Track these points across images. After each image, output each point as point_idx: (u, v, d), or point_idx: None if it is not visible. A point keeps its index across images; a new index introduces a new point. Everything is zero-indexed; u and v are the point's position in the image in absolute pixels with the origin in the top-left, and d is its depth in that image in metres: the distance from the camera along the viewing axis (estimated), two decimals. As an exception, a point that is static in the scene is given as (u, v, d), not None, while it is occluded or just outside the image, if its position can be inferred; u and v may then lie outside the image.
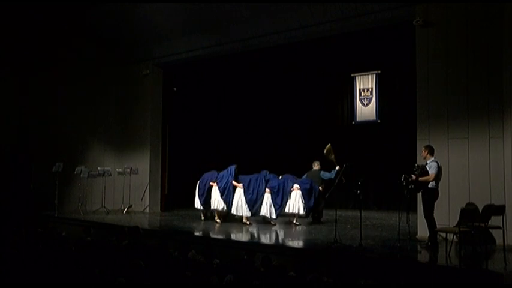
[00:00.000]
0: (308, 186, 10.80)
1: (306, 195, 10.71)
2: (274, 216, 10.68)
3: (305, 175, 11.39)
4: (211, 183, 11.24)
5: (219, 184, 11.05)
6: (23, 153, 13.46)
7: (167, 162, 14.88)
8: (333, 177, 10.82)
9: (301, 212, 10.74)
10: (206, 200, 11.30)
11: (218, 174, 11.33)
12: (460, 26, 8.76)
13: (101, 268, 4.90)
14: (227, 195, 10.91)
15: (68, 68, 13.89)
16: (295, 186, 10.78)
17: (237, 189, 10.85)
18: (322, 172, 11.29)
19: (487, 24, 8.49)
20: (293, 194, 10.73)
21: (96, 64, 14.25)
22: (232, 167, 11.18)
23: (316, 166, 11.45)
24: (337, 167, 10.79)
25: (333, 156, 10.99)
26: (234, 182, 10.93)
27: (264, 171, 11.17)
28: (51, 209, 12.45)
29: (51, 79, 13.72)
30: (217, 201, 11.06)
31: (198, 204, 11.56)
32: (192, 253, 6.11)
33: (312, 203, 10.77)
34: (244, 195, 10.71)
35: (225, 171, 11.24)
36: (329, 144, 11.11)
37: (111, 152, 14.58)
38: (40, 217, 11.75)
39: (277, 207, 10.64)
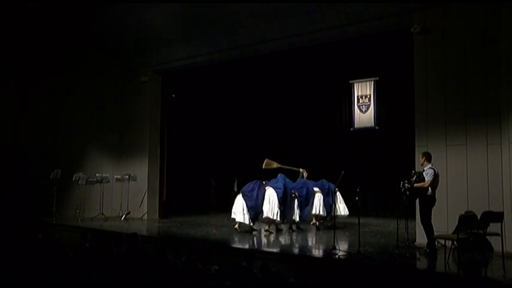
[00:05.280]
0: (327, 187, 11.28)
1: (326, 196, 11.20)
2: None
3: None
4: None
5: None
6: (21, 159, 13.42)
7: (165, 168, 14.85)
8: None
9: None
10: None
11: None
12: (458, 32, 8.81)
13: (99, 274, 4.89)
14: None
15: (67, 74, 13.91)
16: (316, 189, 11.14)
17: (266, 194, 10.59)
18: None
19: (484, 30, 8.53)
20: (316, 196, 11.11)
21: (94, 70, 14.28)
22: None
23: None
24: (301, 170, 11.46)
25: (275, 164, 11.54)
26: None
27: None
28: (49, 215, 12.41)
29: (50, 85, 13.72)
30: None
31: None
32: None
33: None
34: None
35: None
36: (265, 160, 11.69)
37: (109, 158, 14.55)
38: (38, 223, 11.71)
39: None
